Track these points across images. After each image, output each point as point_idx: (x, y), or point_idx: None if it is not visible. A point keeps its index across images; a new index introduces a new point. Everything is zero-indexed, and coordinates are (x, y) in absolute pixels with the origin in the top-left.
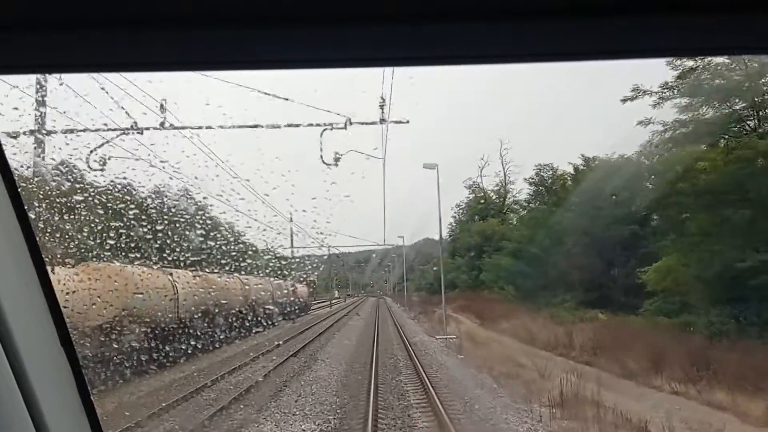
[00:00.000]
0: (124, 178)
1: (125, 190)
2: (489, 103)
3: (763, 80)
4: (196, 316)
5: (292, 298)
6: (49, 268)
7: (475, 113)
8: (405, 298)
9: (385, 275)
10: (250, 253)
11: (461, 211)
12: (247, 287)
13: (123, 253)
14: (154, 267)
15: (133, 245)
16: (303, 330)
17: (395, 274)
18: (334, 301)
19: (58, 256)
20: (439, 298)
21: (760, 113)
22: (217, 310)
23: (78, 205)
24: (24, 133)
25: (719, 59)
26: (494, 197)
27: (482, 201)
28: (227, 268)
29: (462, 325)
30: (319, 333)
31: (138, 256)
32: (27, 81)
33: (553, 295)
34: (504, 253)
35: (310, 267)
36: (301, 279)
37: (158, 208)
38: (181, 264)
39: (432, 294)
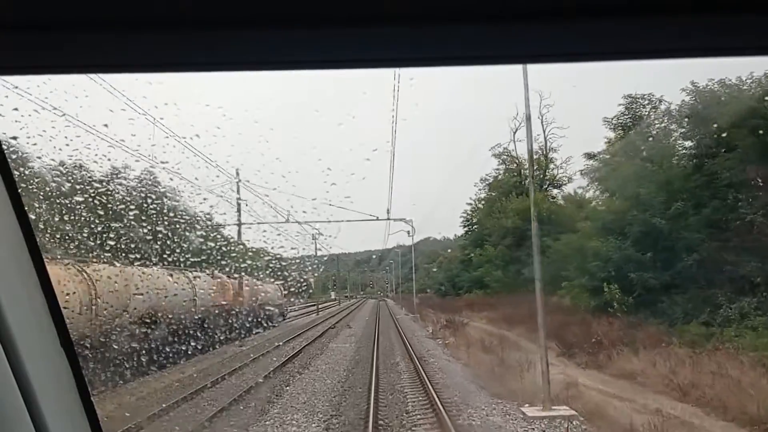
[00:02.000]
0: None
1: None
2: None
3: None
4: None
5: (242, 307)
6: None
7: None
8: (413, 303)
9: (385, 275)
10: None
11: (488, 187)
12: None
13: None
14: None
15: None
16: (236, 368)
17: (396, 274)
18: (327, 304)
19: None
20: (453, 303)
21: None
22: None
23: None
24: (24, 134)
25: None
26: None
27: (516, 174)
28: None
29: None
30: (261, 379)
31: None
32: (27, 81)
33: (703, 302)
34: (591, 229)
35: (310, 268)
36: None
37: None
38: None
39: (443, 296)
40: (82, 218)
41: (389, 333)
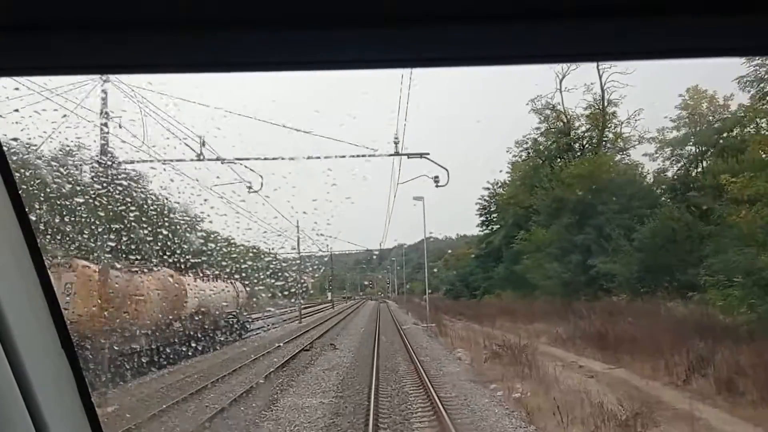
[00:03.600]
0: None
1: None
2: None
3: None
4: None
5: (142, 321)
6: None
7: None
8: (421, 306)
9: (386, 275)
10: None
11: (526, 152)
12: None
13: None
14: None
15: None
16: None
17: (399, 274)
18: (321, 307)
19: None
20: (474, 308)
21: None
22: None
23: None
24: (25, 135)
25: None
26: (581, 127)
27: (564, 133)
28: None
29: None
30: None
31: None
32: (28, 83)
33: None
34: None
35: (311, 268)
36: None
37: None
38: None
39: (455, 299)
40: None
41: (396, 364)
